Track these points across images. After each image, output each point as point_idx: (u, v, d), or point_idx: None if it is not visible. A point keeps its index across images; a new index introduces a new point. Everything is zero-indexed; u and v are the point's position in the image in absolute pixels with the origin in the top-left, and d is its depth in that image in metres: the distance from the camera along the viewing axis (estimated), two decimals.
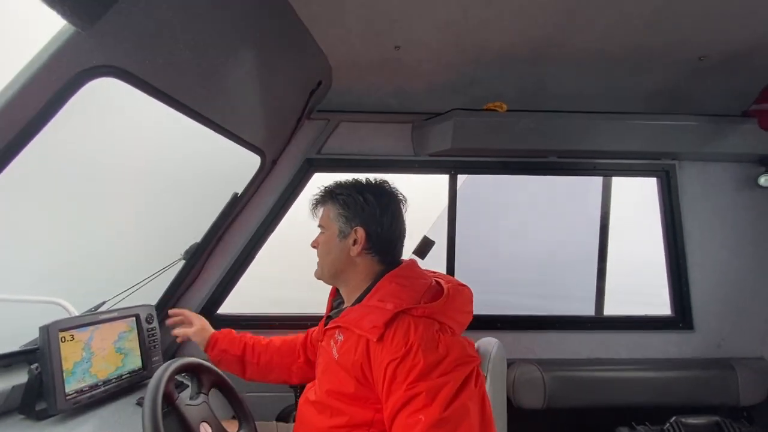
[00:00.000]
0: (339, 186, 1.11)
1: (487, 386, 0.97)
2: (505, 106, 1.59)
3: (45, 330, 1.09)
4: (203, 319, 1.39)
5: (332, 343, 1.00)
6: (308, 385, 1.12)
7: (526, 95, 1.65)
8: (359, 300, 1.03)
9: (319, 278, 1.14)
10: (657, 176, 1.92)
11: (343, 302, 1.14)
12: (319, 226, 1.13)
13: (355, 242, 1.04)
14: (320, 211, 1.13)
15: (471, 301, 1.08)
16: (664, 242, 1.92)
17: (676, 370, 1.80)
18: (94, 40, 0.75)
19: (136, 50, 0.85)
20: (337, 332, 1.00)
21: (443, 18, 1.20)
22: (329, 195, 1.11)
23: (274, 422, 1.41)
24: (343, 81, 1.60)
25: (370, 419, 0.91)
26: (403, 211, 1.11)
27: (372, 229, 1.04)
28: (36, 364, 1.09)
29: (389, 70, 1.52)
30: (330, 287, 1.21)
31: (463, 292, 1.05)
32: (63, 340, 1.12)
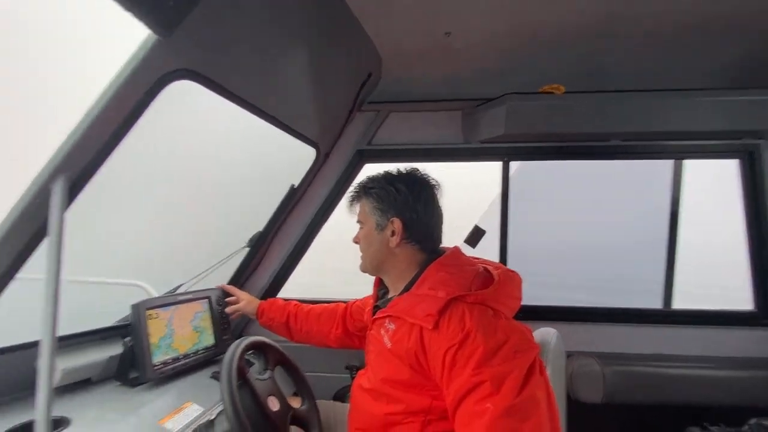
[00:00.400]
0: (371, 180, 1.12)
1: None
2: (562, 88, 1.52)
3: (136, 308, 1.23)
4: (247, 294, 1.60)
5: (383, 332, 1.02)
6: (360, 372, 1.16)
7: (586, 76, 1.56)
8: (407, 289, 1.04)
9: (363, 271, 1.17)
10: (738, 157, 1.74)
11: (387, 291, 1.17)
12: (358, 221, 1.16)
13: (393, 233, 1.05)
14: (356, 207, 1.16)
15: (520, 287, 1.06)
16: (746, 230, 1.75)
17: (757, 369, 1.64)
18: (173, 46, 0.82)
19: (208, 54, 0.92)
20: (387, 321, 1.02)
21: (495, 0, 1.17)
22: (362, 190, 1.13)
23: (332, 401, 1.48)
24: (392, 71, 1.61)
25: (427, 406, 0.92)
26: (438, 196, 1.10)
27: (408, 218, 1.04)
28: (128, 338, 1.24)
29: (439, 57, 1.50)
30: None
31: (513, 278, 1.04)
32: (149, 317, 1.26)
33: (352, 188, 1.17)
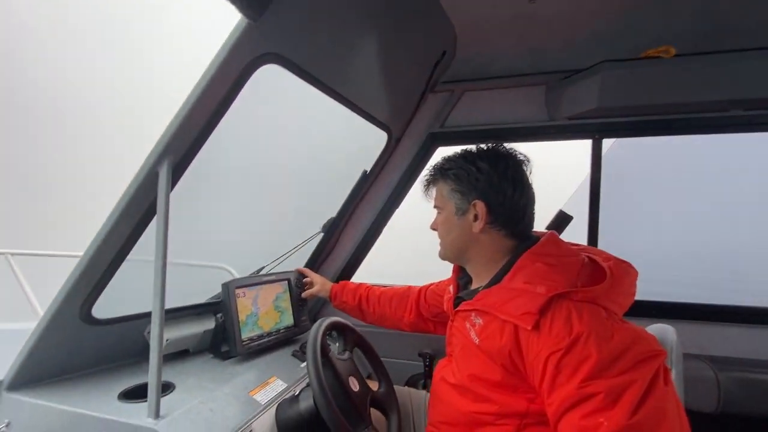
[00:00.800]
0: (448, 160, 1.02)
1: None
2: (672, 51, 1.31)
3: (226, 287, 1.31)
4: (321, 277, 1.64)
5: (468, 325, 0.94)
6: (442, 363, 1.09)
7: (701, 35, 1.34)
8: (496, 281, 0.93)
9: (443, 259, 1.10)
10: None
11: (469, 280, 1.09)
12: (435, 206, 1.08)
13: (476, 217, 0.96)
14: (433, 191, 1.08)
15: (635, 282, 0.92)
16: None
17: None
18: (261, 30, 0.84)
19: (292, 37, 0.93)
20: (473, 315, 0.93)
21: None
22: (439, 172, 1.03)
23: (406, 387, 1.47)
24: (468, 48, 1.52)
25: (523, 410, 0.83)
26: (527, 172, 0.98)
27: (493, 200, 0.94)
28: (220, 314, 1.33)
29: (521, 28, 1.38)
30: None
31: (628, 271, 0.90)
32: (237, 296, 1.34)
33: (426, 171, 1.09)
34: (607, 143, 1.63)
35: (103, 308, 1.05)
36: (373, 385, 1.20)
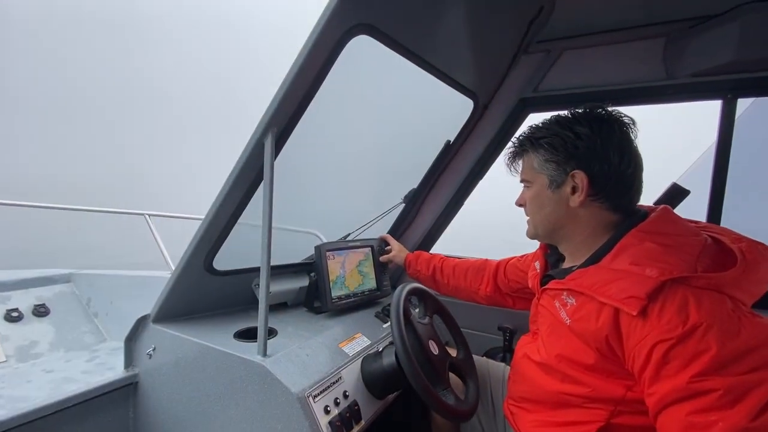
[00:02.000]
0: (538, 129, 0.94)
1: None
2: None
3: (318, 249, 1.44)
4: (399, 244, 1.71)
5: (557, 304, 0.88)
6: (525, 339, 1.05)
7: None
8: (595, 260, 0.85)
9: (532, 237, 1.02)
10: None
11: (559, 258, 1.01)
12: (522, 181, 0.99)
13: (574, 190, 0.87)
14: (519, 164, 1.00)
15: None
16: None
17: None
18: (354, 2, 0.85)
19: (384, 7, 0.93)
20: (565, 294, 0.86)
21: None
22: (528, 142, 0.94)
23: (485, 358, 1.48)
24: (568, 1, 1.36)
25: (619, 396, 0.77)
26: (632, 137, 0.86)
27: (596, 170, 0.84)
28: (313, 273, 1.47)
29: None
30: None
31: (765, 255, 0.76)
32: (328, 258, 1.45)
33: (512, 142, 1.01)
34: (741, 105, 1.35)
35: (222, 262, 1.23)
36: (452, 352, 1.23)
